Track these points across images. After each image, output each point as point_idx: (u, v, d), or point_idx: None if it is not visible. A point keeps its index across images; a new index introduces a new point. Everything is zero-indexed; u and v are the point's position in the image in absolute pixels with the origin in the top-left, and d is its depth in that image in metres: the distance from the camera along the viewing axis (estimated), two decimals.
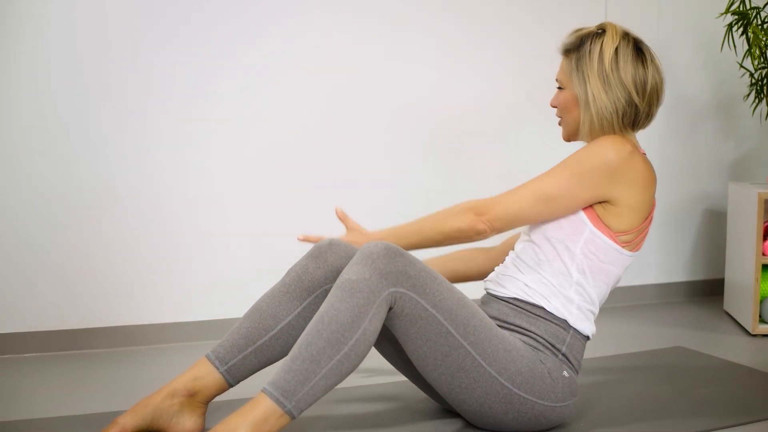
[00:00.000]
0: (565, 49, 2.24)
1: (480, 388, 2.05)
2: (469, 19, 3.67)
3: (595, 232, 2.14)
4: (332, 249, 2.16)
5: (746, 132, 4.25)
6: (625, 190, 2.13)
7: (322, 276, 2.14)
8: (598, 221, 2.15)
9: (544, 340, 2.14)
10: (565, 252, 2.16)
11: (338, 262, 2.15)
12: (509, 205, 2.13)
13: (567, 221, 2.16)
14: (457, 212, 2.15)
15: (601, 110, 2.16)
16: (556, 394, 2.11)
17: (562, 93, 2.24)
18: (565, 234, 2.16)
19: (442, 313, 2.00)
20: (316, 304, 2.14)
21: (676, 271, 4.18)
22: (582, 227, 2.15)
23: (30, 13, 3.01)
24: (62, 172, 3.09)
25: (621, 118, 2.17)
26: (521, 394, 2.07)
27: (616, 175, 2.11)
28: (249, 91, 3.31)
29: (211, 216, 3.30)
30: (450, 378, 2.05)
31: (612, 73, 2.15)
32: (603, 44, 2.17)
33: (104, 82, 3.11)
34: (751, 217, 3.42)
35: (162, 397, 2.06)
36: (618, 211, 2.14)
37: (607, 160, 2.10)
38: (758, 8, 3.70)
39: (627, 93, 2.16)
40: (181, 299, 3.28)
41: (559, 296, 2.16)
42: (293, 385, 1.87)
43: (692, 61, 4.12)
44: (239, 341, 2.11)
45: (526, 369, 2.07)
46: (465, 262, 2.50)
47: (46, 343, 3.10)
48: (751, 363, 2.94)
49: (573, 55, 2.21)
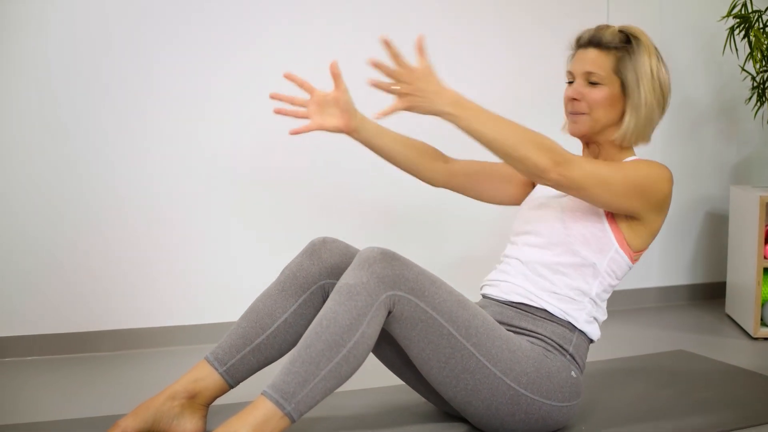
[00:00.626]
0: (601, 43, 2.18)
1: (486, 389, 2.04)
2: (468, 19, 3.67)
3: (619, 251, 2.17)
4: (326, 246, 2.18)
5: (748, 135, 4.25)
6: (656, 215, 2.16)
7: (316, 272, 2.15)
8: (623, 241, 2.16)
9: (552, 341, 2.14)
10: (590, 269, 2.17)
11: (333, 259, 2.16)
12: (586, 172, 2.02)
13: (594, 238, 2.16)
14: (542, 147, 1.97)
15: (649, 116, 2.17)
16: (563, 394, 2.11)
17: (599, 89, 2.17)
18: (592, 251, 2.16)
19: (443, 315, 2.00)
20: (312, 300, 2.15)
21: (677, 274, 4.18)
22: (609, 246, 2.16)
23: (30, 14, 3.01)
24: (64, 173, 3.09)
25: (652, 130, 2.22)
26: (528, 395, 2.06)
27: (663, 205, 2.14)
28: (249, 91, 3.31)
29: (213, 217, 3.30)
30: (455, 380, 2.04)
31: (660, 80, 2.17)
32: (649, 49, 2.17)
33: (105, 82, 3.11)
34: (753, 220, 3.42)
35: (163, 400, 2.07)
36: (642, 232, 2.17)
37: (663, 189, 2.11)
38: (760, 11, 3.70)
39: (665, 102, 2.20)
40: (184, 302, 3.28)
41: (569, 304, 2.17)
42: (293, 387, 1.87)
43: (694, 64, 4.12)
44: (237, 341, 2.12)
45: (532, 369, 2.07)
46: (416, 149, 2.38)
47: (48, 346, 3.10)
48: (753, 366, 2.94)
49: (616, 52, 2.17)
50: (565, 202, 2.21)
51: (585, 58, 2.20)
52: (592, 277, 2.18)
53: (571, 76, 2.23)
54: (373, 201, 3.52)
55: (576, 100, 2.20)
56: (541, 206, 2.27)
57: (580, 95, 2.19)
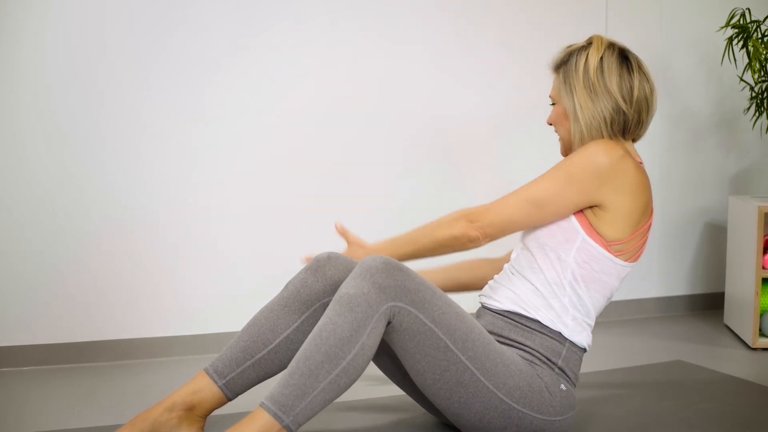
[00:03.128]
0: (555, 65, 2.27)
1: (478, 403, 2.04)
2: (469, 30, 3.68)
3: (588, 240, 2.13)
4: (331, 262, 2.15)
5: (747, 145, 4.25)
6: (615, 195, 2.11)
7: (320, 289, 2.13)
8: (590, 229, 2.14)
9: (540, 354, 2.13)
10: (557, 260, 2.15)
11: (337, 276, 2.14)
12: (500, 211, 2.14)
13: (559, 228, 2.15)
14: (450, 220, 2.16)
15: (588, 120, 2.18)
16: (554, 408, 2.10)
17: (555, 108, 2.27)
18: (558, 242, 2.15)
19: (441, 327, 2.00)
20: (315, 317, 2.13)
21: (676, 285, 4.18)
22: (574, 235, 2.14)
23: (27, 22, 3.02)
24: (64, 182, 3.10)
25: (610, 126, 2.17)
26: (520, 409, 2.06)
27: (606, 177, 2.10)
28: (247, 102, 3.32)
29: (212, 228, 3.30)
30: (448, 393, 2.04)
31: (597, 82, 2.17)
32: (588, 55, 2.19)
33: (102, 91, 3.14)
34: (752, 230, 3.42)
35: (161, 411, 2.06)
36: (610, 219, 2.13)
37: (596, 161, 2.09)
38: (758, 22, 3.70)
39: (613, 100, 2.16)
40: (184, 312, 3.28)
41: (552, 306, 2.15)
42: (291, 399, 1.87)
43: (693, 74, 4.12)
44: (238, 355, 2.11)
45: (524, 384, 2.07)
46: (471, 270, 2.49)
47: (46, 356, 3.10)
48: (752, 377, 2.93)
49: (561, 69, 2.24)
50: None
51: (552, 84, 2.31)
52: (561, 268, 2.15)
53: None
54: (372, 211, 3.52)
55: (550, 124, 2.30)
56: None
57: (549, 118, 2.30)
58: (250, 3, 3.31)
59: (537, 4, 3.81)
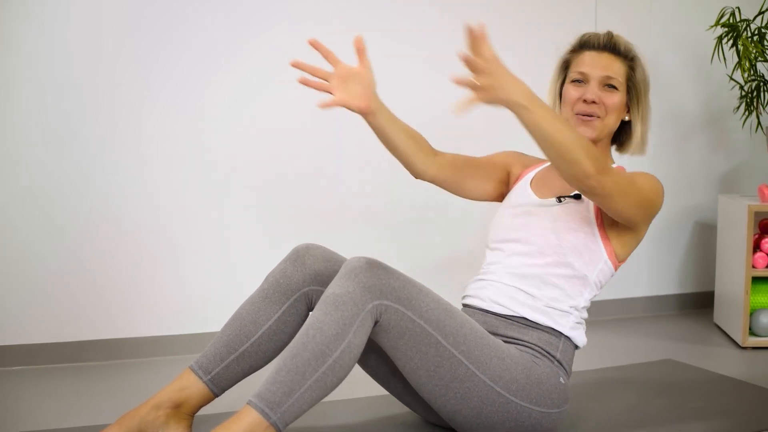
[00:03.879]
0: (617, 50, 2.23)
1: (475, 397, 2.03)
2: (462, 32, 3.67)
3: (608, 262, 2.19)
4: (310, 252, 2.16)
5: (736, 144, 4.25)
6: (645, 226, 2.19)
7: (300, 279, 2.13)
8: (611, 252, 2.19)
9: (539, 347, 2.13)
10: (581, 281, 2.18)
11: (316, 265, 2.14)
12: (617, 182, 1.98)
13: (587, 249, 2.16)
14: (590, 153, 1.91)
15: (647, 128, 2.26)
16: (552, 401, 2.10)
17: (616, 95, 2.21)
18: (584, 262, 2.17)
19: (430, 323, 1.99)
20: (296, 307, 2.13)
21: (666, 284, 4.18)
22: (599, 257, 2.18)
23: (25, 23, 3.00)
24: (60, 183, 3.09)
25: None
26: (518, 402, 2.05)
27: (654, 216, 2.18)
28: (246, 103, 3.32)
29: (211, 228, 3.29)
30: (444, 389, 2.03)
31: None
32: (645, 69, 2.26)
33: (100, 92, 3.12)
34: (741, 229, 3.42)
35: (148, 409, 2.05)
36: (630, 241, 2.20)
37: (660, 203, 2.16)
38: (748, 20, 3.71)
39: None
40: (180, 311, 3.27)
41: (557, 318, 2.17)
42: (278, 396, 1.86)
43: (683, 73, 4.13)
44: (221, 350, 2.10)
45: (521, 376, 2.06)
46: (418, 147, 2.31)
47: (37, 356, 3.08)
48: (741, 376, 2.93)
49: (629, 63, 2.22)
50: (556, 212, 2.20)
51: (601, 62, 2.21)
52: (582, 287, 2.18)
53: (583, 76, 2.23)
54: (366, 212, 3.51)
55: (594, 102, 2.20)
56: (528, 214, 2.25)
57: (604, 100, 2.20)
58: (249, 4, 3.30)
59: (520, 8, 3.79)
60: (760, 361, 3.20)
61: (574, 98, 2.22)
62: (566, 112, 2.24)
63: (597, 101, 2.19)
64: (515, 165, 2.44)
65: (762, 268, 3.42)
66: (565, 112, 2.25)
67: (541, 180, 2.34)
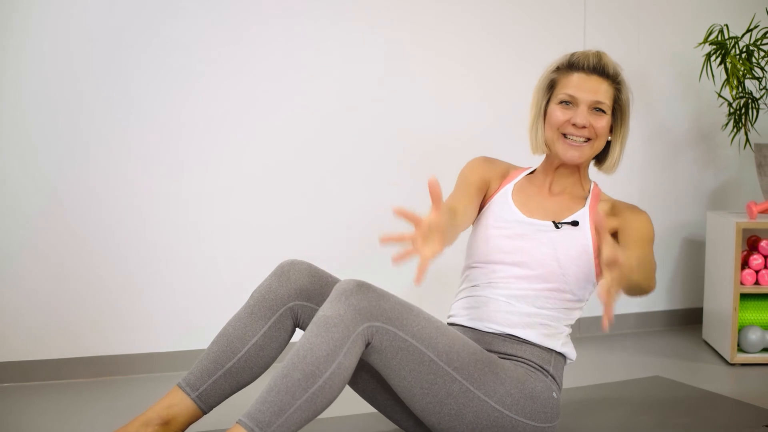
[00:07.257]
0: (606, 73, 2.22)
1: (470, 413, 2.03)
2: (460, 47, 3.68)
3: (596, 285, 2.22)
4: (295, 267, 2.16)
5: (725, 161, 4.27)
6: None
7: (285, 294, 2.13)
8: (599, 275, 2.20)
9: (532, 362, 2.14)
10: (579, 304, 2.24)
11: (301, 281, 2.14)
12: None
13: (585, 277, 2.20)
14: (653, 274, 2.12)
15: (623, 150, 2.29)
16: (545, 415, 2.10)
17: (603, 119, 2.21)
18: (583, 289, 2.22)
19: (422, 342, 1.99)
20: (282, 322, 2.12)
21: (655, 301, 4.18)
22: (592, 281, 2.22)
23: (7, 40, 3.00)
24: (44, 201, 3.08)
25: None
26: (513, 416, 2.05)
27: None
28: (240, 112, 3.32)
29: (199, 244, 3.29)
30: (438, 406, 2.03)
31: None
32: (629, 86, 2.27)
33: (85, 100, 3.12)
34: (729, 246, 3.43)
35: (136, 426, 2.04)
36: None
37: None
38: (736, 38, 3.72)
39: None
40: (172, 328, 3.27)
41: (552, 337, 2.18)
42: (268, 416, 1.85)
43: (671, 90, 4.14)
44: (209, 366, 2.10)
45: (515, 390, 2.06)
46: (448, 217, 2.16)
47: (25, 372, 3.07)
48: (730, 392, 2.94)
49: (616, 85, 2.22)
50: (555, 238, 2.19)
51: (590, 86, 2.20)
52: (577, 309, 2.24)
53: (572, 99, 2.20)
54: (350, 223, 3.51)
55: (584, 126, 2.19)
56: (524, 237, 2.21)
57: (594, 123, 2.20)
58: (243, 8, 3.31)
59: (510, 23, 3.80)
60: (748, 377, 3.21)
61: (561, 120, 2.20)
62: (550, 132, 2.23)
63: (587, 126, 2.19)
64: (494, 179, 2.34)
65: (750, 284, 3.43)
66: (549, 131, 2.23)
67: (522, 193, 2.30)
